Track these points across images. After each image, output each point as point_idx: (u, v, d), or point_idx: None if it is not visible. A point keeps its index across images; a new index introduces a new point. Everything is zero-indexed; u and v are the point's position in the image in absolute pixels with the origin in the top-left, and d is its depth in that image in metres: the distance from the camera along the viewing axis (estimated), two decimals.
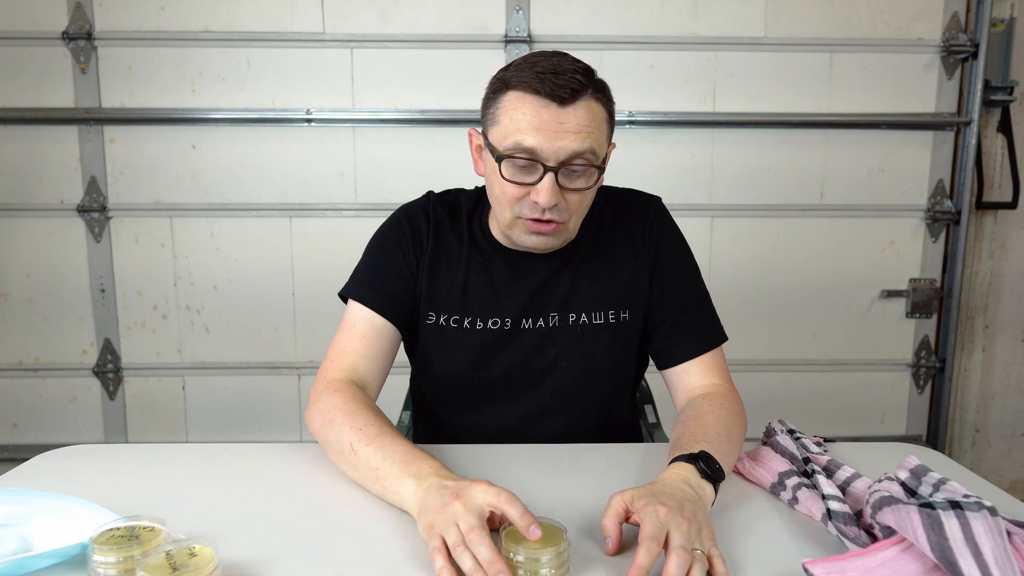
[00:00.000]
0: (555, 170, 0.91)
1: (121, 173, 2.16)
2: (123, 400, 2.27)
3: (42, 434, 2.27)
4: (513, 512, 0.68)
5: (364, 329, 1.02)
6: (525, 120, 0.90)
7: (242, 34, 2.11)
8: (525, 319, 1.05)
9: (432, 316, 1.06)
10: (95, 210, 2.16)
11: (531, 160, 0.91)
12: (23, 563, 0.67)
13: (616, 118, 1.01)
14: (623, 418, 1.17)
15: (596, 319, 1.05)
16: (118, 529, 0.68)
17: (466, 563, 0.66)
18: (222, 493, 0.86)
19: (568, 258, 1.07)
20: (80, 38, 2.09)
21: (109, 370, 2.24)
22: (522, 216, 0.96)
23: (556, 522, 0.70)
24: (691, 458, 0.81)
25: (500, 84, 0.95)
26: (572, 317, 1.05)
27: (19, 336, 2.23)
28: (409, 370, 1.22)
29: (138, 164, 2.16)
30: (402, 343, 1.11)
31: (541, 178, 0.91)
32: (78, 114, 2.11)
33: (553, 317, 1.05)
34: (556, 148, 0.90)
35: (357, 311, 1.03)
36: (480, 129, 1.01)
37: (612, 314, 1.05)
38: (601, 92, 0.94)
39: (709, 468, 0.80)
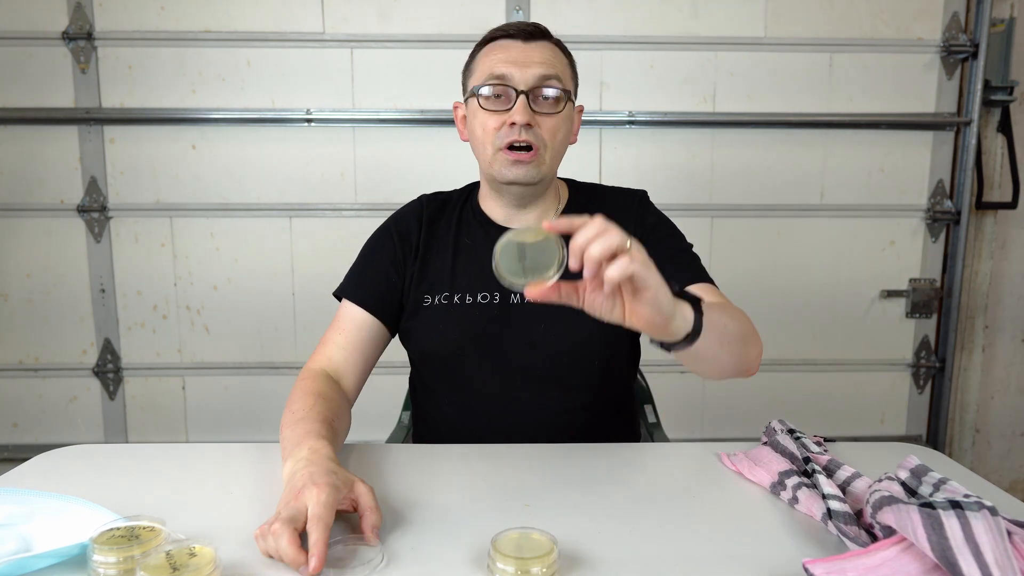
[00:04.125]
0: (526, 93, 1.03)
1: (121, 173, 2.16)
2: (123, 400, 2.27)
3: (42, 434, 2.27)
4: (319, 534, 0.69)
5: (344, 322, 1.10)
6: (497, 57, 1.06)
7: (242, 34, 2.11)
8: (513, 295, 1.09)
9: (428, 299, 1.11)
10: (95, 210, 2.16)
11: (503, 86, 1.04)
12: (23, 563, 0.67)
13: (616, 118, 1.06)
14: (619, 401, 1.19)
15: None
16: (118, 529, 0.68)
17: (266, 546, 0.69)
18: (222, 493, 0.86)
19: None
20: (80, 38, 2.09)
21: (109, 370, 2.24)
22: (502, 147, 1.04)
23: (547, 533, 0.70)
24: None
25: (475, 47, 1.13)
26: None
27: (19, 336, 2.23)
28: (409, 370, 1.22)
29: (138, 164, 2.16)
30: (400, 338, 1.15)
31: (515, 103, 1.03)
32: (78, 114, 2.11)
33: None
34: (524, 73, 1.04)
35: (343, 308, 1.12)
36: (463, 100, 1.13)
37: None
38: (562, 46, 1.11)
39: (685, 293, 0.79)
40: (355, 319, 1.10)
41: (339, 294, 1.13)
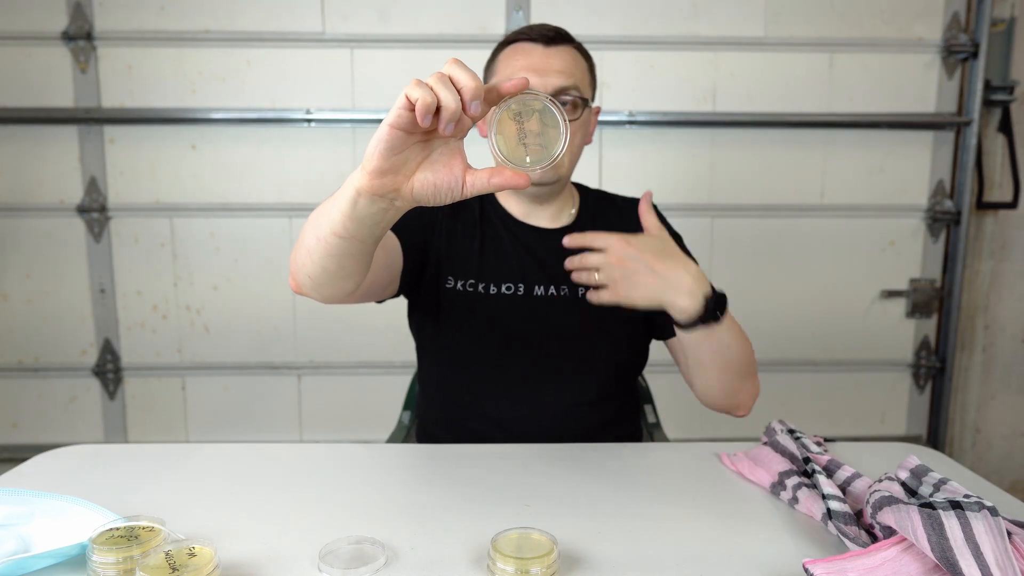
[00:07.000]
0: None
1: (121, 173, 2.16)
2: (123, 400, 2.27)
3: (42, 434, 2.27)
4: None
5: None
6: (517, 63, 1.06)
7: (242, 34, 2.11)
8: (537, 286, 1.12)
9: (451, 280, 1.12)
10: (95, 210, 2.16)
11: None
12: (22, 563, 0.67)
13: (616, 118, 1.06)
14: (629, 397, 1.22)
15: None
16: (117, 529, 0.68)
17: (423, 94, 0.61)
18: (222, 493, 0.86)
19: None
20: (80, 38, 2.09)
21: (109, 370, 2.23)
22: None
23: (547, 533, 0.70)
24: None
25: (496, 47, 1.12)
26: (581, 290, 1.12)
27: (19, 336, 2.23)
28: (408, 370, 1.22)
29: (138, 164, 2.16)
30: (416, 325, 1.16)
31: None
32: (78, 114, 2.11)
33: (563, 289, 1.12)
34: (543, 82, 1.04)
35: None
36: None
37: None
38: (582, 50, 1.12)
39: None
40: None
41: None
